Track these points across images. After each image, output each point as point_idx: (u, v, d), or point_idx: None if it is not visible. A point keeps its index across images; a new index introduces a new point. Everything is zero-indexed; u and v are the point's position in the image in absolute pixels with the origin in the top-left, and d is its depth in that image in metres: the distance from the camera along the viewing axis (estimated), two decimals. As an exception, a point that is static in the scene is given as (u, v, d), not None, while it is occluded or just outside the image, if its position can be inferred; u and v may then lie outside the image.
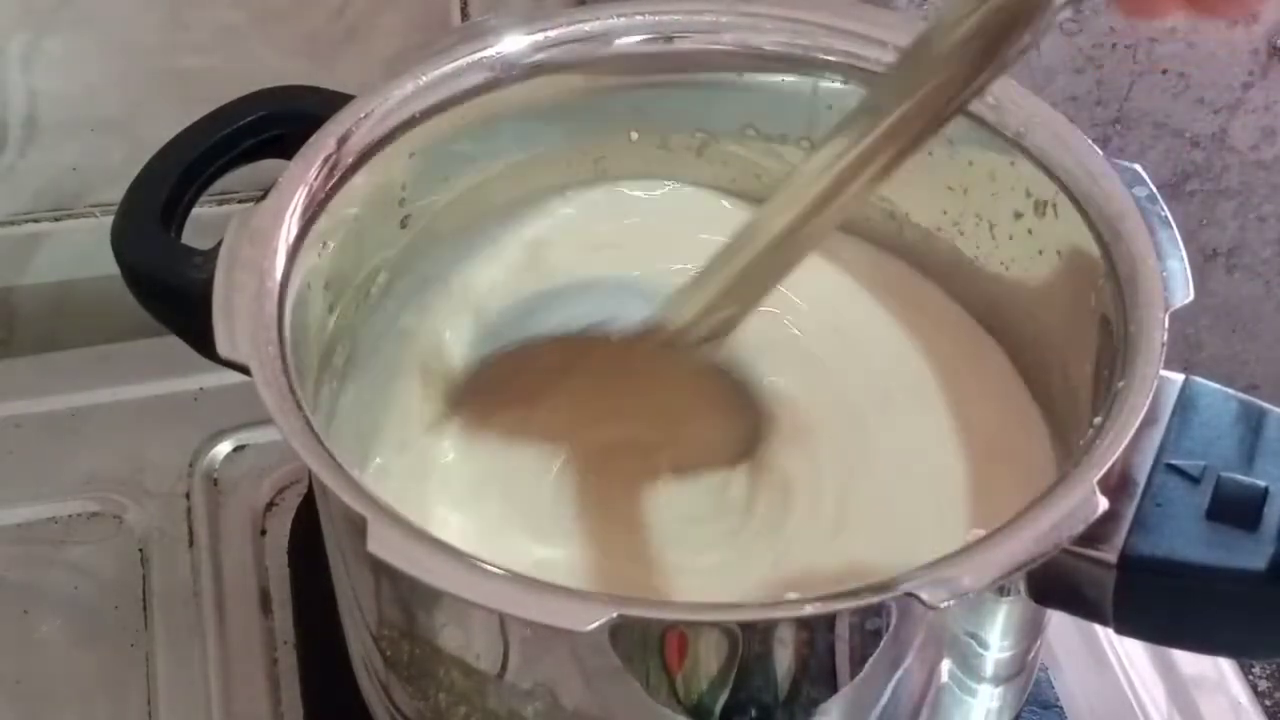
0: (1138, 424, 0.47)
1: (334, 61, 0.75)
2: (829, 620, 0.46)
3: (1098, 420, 0.48)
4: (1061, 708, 0.62)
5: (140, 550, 0.67)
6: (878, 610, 0.46)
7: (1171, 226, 0.52)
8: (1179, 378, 0.50)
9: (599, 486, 0.56)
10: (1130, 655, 0.65)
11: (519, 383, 0.58)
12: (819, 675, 0.48)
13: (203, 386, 0.72)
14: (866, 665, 0.48)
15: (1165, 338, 0.49)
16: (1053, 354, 0.56)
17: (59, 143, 0.75)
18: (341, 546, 0.52)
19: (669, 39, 0.60)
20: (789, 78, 0.60)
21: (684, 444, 0.57)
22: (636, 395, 0.57)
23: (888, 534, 0.55)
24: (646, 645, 0.47)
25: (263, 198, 0.54)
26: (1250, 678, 0.66)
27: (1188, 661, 0.65)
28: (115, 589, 0.66)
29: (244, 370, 0.49)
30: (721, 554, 0.55)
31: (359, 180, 0.56)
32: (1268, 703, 1.06)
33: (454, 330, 0.60)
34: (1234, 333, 1.02)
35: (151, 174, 0.56)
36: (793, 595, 0.45)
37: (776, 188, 0.52)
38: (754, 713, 0.48)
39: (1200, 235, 0.96)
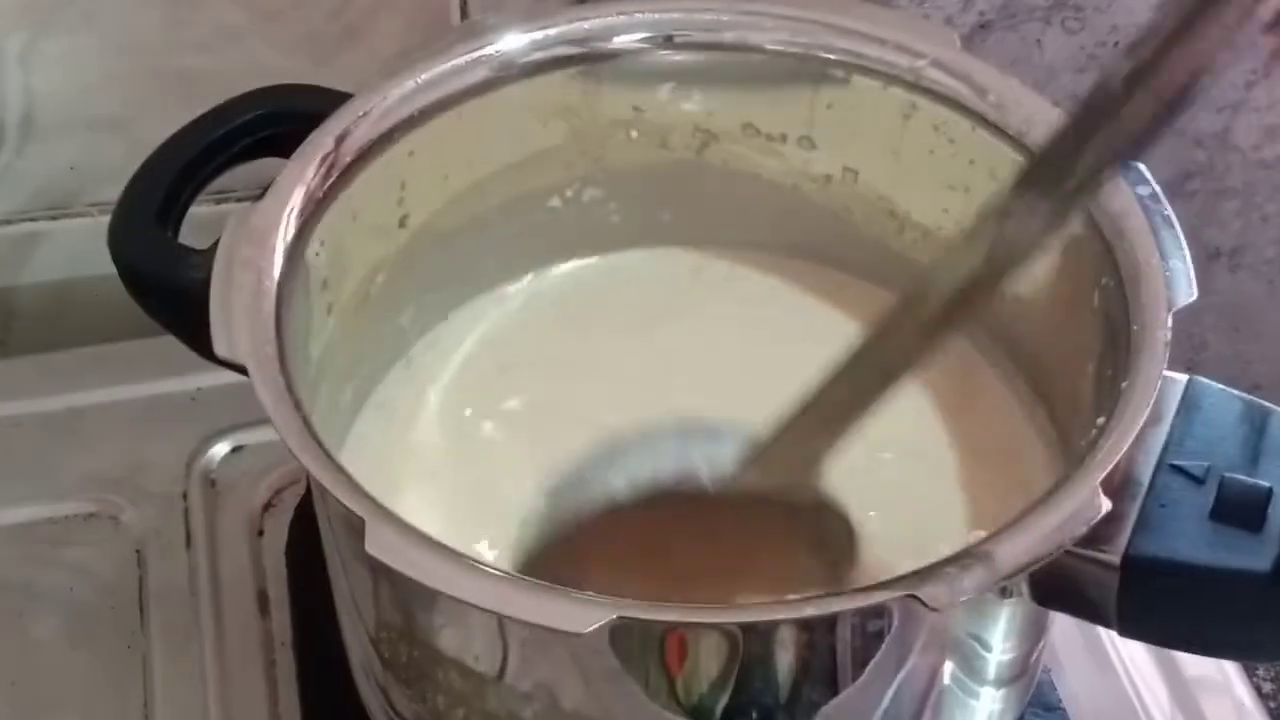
0: (1141, 424, 0.47)
1: (333, 60, 0.75)
2: (830, 622, 0.46)
3: (1100, 420, 0.48)
4: (1064, 710, 0.61)
5: (137, 551, 0.67)
6: (879, 612, 0.46)
7: (1174, 226, 0.52)
8: (1182, 378, 0.50)
9: None
10: (1134, 657, 0.65)
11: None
12: (820, 677, 0.47)
13: (200, 387, 0.72)
14: (868, 667, 0.47)
15: (1169, 337, 0.49)
16: (1055, 354, 0.56)
17: (57, 142, 0.75)
18: (339, 548, 0.52)
19: (669, 37, 0.60)
20: (790, 76, 0.60)
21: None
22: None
23: (890, 538, 0.55)
24: (646, 647, 0.46)
25: (260, 197, 0.54)
26: (1254, 679, 0.66)
27: (1191, 664, 0.65)
28: (112, 590, 0.66)
29: (241, 370, 0.49)
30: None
31: (357, 179, 0.56)
32: (1272, 704, 1.06)
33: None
34: (1237, 332, 1.01)
35: (148, 173, 0.56)
36: (793, 596, 0.45)
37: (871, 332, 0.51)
38: (755, 714, 0.48)
39: (1203, 234, 0.96)
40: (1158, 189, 0.53)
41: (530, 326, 0.63)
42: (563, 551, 0.55)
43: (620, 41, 0.60)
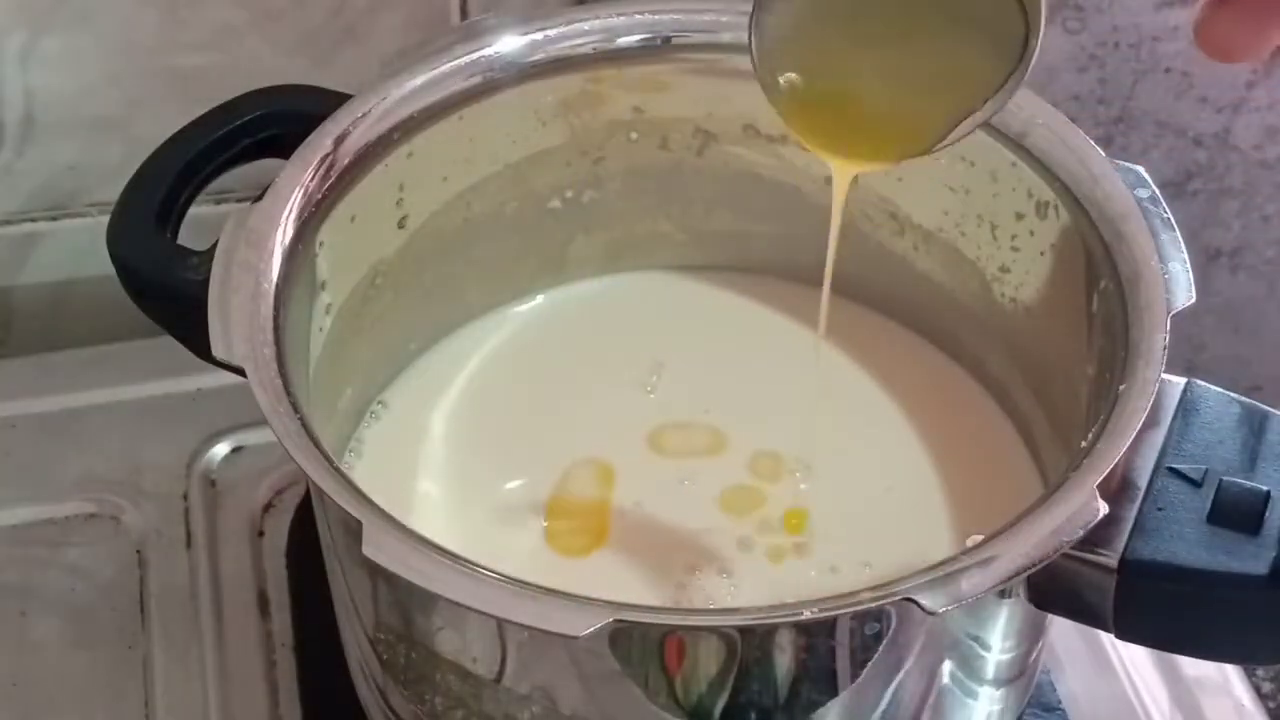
0: (1139, 427, 0.47)
1: (332, 60, 0.75)
2: (828, 625, 0.46)
3: (1099, 423, 0.48)
4: (1064, 710, 0.61)
5: (138, 552, 0.67)
6: (877, 615, 0.46)
7: (1174, 228, 0.52)
8: (1180, 381, 0.50)
9: None
10: (1133, 657, 0.65)
11: None
12: (819, 679, 0.47)
13: (200, 387, 0.71)
14: (866, 669, 0.47)
15: (1167, 340, 0.49)
16: (1054, 357, 0.56)
17: (56, 142, 0.75)
18: (337, 550, 0.52)
19: (668, 38, 0.60)
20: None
21: None
22: None
23: (891, 544, 0.55)
24: (645, 650, 0.46)
25: (259, 198, 0.53)
26: (1254, 679, 0.66)
27: (1191, 664, 0.65)
28: (112, 590, 0.66)
29: (239, 372, 0.49)
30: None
31: (356, 180, 0.56)
32: (1271, 705, 1.05)
33: None
34: (1237, 333, 1.01)
35: (147, 174, 0.56)
36: (790, 600, 0.45)
37: None
38: (753, 716, 0.48)
39: (1203, 235, 0.96)
40: (1157, 191, 0.53)
41: (536, 346, 0.63)
42: None
43: (620, 42, 0.60)
